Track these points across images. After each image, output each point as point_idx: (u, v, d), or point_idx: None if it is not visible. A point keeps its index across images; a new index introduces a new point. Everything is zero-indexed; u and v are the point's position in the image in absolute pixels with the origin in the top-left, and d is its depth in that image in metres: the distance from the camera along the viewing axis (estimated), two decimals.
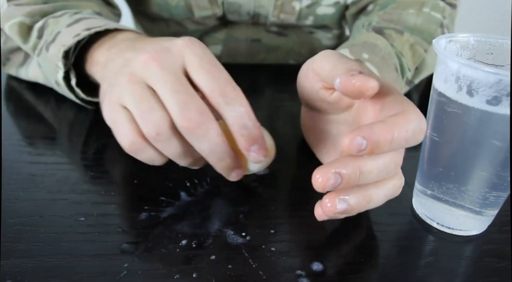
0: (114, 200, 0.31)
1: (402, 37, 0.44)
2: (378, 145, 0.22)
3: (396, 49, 0.43)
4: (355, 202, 0.24)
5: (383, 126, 0.22)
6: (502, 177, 0.25)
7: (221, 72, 0.27)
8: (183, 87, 0.26)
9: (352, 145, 0.22)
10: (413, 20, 0.47)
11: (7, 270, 0.24)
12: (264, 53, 0.65)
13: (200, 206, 0.30)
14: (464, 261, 0.27)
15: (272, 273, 0.25)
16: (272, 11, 0.58)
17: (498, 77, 0.22)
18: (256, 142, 0.27)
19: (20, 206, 0.29)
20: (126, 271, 0.25)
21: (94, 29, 0.36)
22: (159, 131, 0.26)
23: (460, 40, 0.28)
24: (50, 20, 0.40)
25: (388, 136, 0.22)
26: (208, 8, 0.57)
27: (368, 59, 0.40)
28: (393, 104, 0.24)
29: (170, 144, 0.27)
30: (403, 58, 0.43)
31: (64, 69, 0.37)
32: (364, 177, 0.23)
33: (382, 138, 0.22)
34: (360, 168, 0.23)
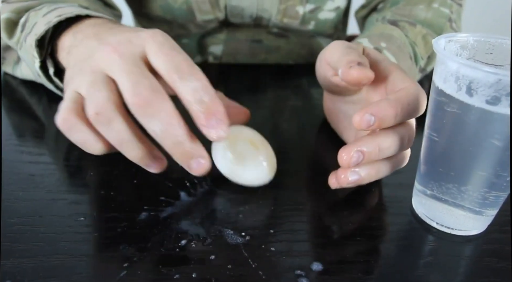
0: (113, 200, 0.31)
1: (414, 29, 0.47)
2: (385, 119, 0.26)
3: (410, 39, 0.45)
4: (366, 173, 0.28)
5: (387, 103, 0.26)
6: (502, 177, 0.25)
7: (180, 54, 0.27)
8: (137, 69, 0.26)
9: (362, 121, 0.26)
10: (423, 14, 0.49)
11: (7, 270, 0.24)
12: (264, 54, 0.66)
13: (199, 206, 0.30)
14: (464, 261, 0.27)
15: (271, 273, 0.25)
16: (276, 15, 0.58)
17: (498, 77, 0.22)
18: (214, 116, 0.25)
19: (20, 206, 0.29)
20: (126, 271, 0.25)
21: (65, 15, 0.35)
22: (98, 111, 0.25)
23: (459, 40, 0.28)
24: (31, 13, 0.40)
25: (392, 111, 0.26)
26: (210, 12, 0.57)
27: (386, 48, 0.42)
28: (396, 82, 0.29)
29: (111, 126, 0.26)
30: (417, 47, 0.45)
31: (39, 58, 0.37)
32: (383, 153, 0.27)
33: (388, 113, 0.26)
34: (380, 144, 0.27)
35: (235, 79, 0.53)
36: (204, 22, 0.59)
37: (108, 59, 0.27)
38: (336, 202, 0.32)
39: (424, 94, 0.28)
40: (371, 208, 0.31)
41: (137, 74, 0.26)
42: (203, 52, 0.65)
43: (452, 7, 0.52)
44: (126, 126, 0.26)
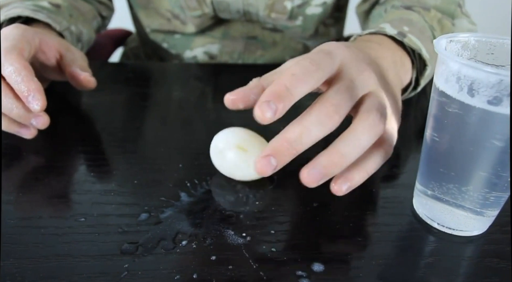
0: (114, 200, 0.30)
1: (429, 13, 0.46)
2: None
3: (428, 23, 0.44)
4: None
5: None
6: (503, 177, 0.25)
7: (6, 43, 0.35)
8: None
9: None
10: (433, 1, 0.48)
11: (7, 271, 0.24)
12: (261, 50, 0.65)
13: (200, 206, 0.30)
14: (465, 261, 0.27)
15: (272, 273, 0.25)
16: (263, 10, 0.58)
17: (499, 78, 0.22)
18: (28, 93, 0.33)
19: (20, 206, 0.29)
20: (126, 271, 0.25)
21: (8, 16, 0.43)
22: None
23: (461, 40, 0.28)
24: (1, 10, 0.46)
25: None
26: (197, 8, 0.58)
27: (409, 31, 0.40)
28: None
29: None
30: (435, 31, 0.44)
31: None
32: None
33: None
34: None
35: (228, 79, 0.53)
36: (195, 18, 0.59)
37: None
38: (337, 202, 0.32)
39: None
40: (372, 208, 0.31)
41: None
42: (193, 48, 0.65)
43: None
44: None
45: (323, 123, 0.25)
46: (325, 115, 0.25)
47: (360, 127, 0.26)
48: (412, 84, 0.41)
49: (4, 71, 0.33)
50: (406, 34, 0.39)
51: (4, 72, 0.33)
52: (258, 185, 0.33)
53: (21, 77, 0.33)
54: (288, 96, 0.24)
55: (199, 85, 0.52)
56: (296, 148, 0.25)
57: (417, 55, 0.40)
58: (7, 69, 0.33)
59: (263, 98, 0.24)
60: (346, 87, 0.27)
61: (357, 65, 0.29)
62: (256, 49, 0.65)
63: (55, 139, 0.39)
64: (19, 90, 0.33)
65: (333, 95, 0.26)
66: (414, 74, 0.41)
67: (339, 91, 0.26)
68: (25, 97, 0.33)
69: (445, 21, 0.46)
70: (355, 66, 0.29)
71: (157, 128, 0.41)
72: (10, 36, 0.36)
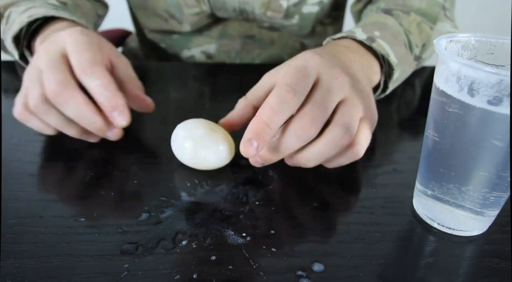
0: (114, 201, 0.30)
1: (409, 17, 0.47)
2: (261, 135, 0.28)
3: (404, 27, 0.45)
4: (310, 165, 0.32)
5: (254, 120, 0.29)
6: (503, 177, 0.25)
7: (85, 53, 0.33)
8: (51, 64, 0.32)
9: (247, 150, 0.28)
10: (417, 3, 0.49)
11: (7, 271, 0.24)
12: (258, 49, 0.65)
13: (200, 206, 0.30)
14: (465, 261, 0.27)
15: (273, 273, 0.25)
16: (259, 8, 0.58)
17: (499, 78, 0.22)
18: (115, 109, 0.33)
19: (20, 206, 0.29)
20: (126, 271, 0.25)
21: (34, 17, 0.42)
22: (34, 104, 0.32)
23: (461, 40, 0.28)
24: (13, 8, 0.45)
25: (261, 124, 0.29)
26: (195, 5, 0.58)
27: (380, 36, 0.41)
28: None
29: (48, 115, 0.33)
30: (411, 35, 0.45)
31: (17, 51, 0.44)
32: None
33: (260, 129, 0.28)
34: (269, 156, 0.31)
35: (226, 80, 0.53)
36: (192, 16, 0.59)
37: (38, 58, 0.34)
38: (337, 202, 0.32)
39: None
40: (372, 208, 0.31)
41: (51, 71, 0.32)
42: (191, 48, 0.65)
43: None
44: (60, 113, 0.33)
45: (300, 137, 0.29)
46: (302, 129, 0.29)
47: (325, 141, 0.30)
48: (380, 87, 0.43)
49: (89, 84, 0.32)
50: (376, 39, 0.41)
51: (89, 85, 0.32)
52: (258, 185, 0.33)
53: (109, 92, 0.32)
54: (267, 131, 0.28)
55: (198, 85, 0.52)
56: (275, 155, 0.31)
57: (386, 60, 0.41)
58: (93, 82, 0.32)
59: (246, 136, 0.28)
60: (322, 98, 0.30)
61: (331, 72, 0.32)
62: (253, 48, 0.65)
63: (55, 139, 0.39)
64: (104, 105, 0.32)
65: (310, 108, 0.30)
66: (383, 78, 0.42)
67: (316, 103, 0.30)
68: (110, 112, 0.32)
69: (424, 25, 0.47)
70: (330, 73, 0.32)
71: (157, 128, 0.41)
72: (84, 45, 0.34)
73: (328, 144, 0.30)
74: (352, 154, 0.31)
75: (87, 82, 0.32)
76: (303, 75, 0.30)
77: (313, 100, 0.30)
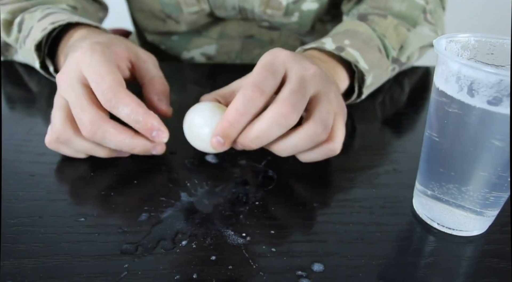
0: (114, 200, 0.31)
1: (385, 21, 0.47)
2: (226, 134, 0.31)
3: (378, 32, 0.46)
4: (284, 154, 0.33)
5: (221, 119, 0.31)
6: (503, 177, 0.25)
7: (104, 79, 0.31)
8: (77, 101, 0.31)
9: (215, 145, 0.31)
10: (398, 6, 0.50)
11: (7, 271, 0.24)
12: (258, 49, 0.65)
13: (200, 206, 0.30)
14: (465, 261, 0.27)
15: (272, 273, 0.25)
16: (259, 6, 0.58)
17: (499, 78, 0.22)
18: (152, 130, 0.32)
19: (20, 206, 0.29)
20: (126, 271, 0.25)
21: (58, 23, 0.40)
22: (59, 137, 0.32)
23: (460, 40, 0.28)
24: (26, 15, 0.44)
25: (226, 124, 0.30)
26: (195, 4, 0.58)
27: (350, 45, 0.42)
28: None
29: (79, 145, 0.33)
30: (386, 39, 0.46)
31: (39, 60, 0.42)
32: (258, 141, 0.31)
33: (226, 129, 0.30)
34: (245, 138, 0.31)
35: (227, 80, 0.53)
36: (192, 15, 0.59)
37: (62, 90, 0.33)
38: (337, 202, 0.32)
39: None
40: (372, 208, 0.31)
41: (78, 109, 0.31)
42: (190, 49, 0.65)
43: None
44: (87, 142, 0.33)
45: (281, 124, 0.30)
46: (282, 116, 0.29)
47: (303, 135, 0.31)
48: (355, 92, 0.43)
49: (120, 114, 0.31)
50: (345, 48, 0.42)
51: (120, 115, 0.31)
52: (258, 185, 0.33)
53: (141, 116, 0.31)
54: (232, 131, 0.30)
55: (198, 86, 0.52)
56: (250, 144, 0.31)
57: (358, 67, 0.42)
58: (123, 111, 0.31)
59: (214, 133, 0.31)
60: (299, 86, 0.30)
61: (301, 64, 0.32)
62: (253, 48, 0.65)
63: None
64: (141, 129, 0.32)
65: (289, 96, 0.30)
66: (356, 84, 0.43)
67: (294, 92, 0.30)
68: (148, 133, 0.32)
69: (401, 27, 0.47)
70: (300, 65, 0.32)
71: None
72: (99, 66, 0.32)
73: (306, 138, 0.31)
74: (329, 150, 0.32)
75: (117, 113, 0.31)
76: (270, 72, 0.31)
77: (290, 88, 0.30)
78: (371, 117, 0.45)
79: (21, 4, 0.46)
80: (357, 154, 0.38)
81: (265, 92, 0.30)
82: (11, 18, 0.45)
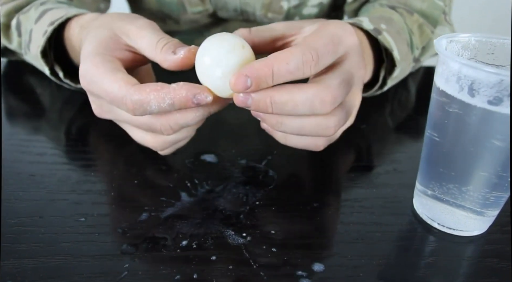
0: (114, 201, 0.30)
1: (412, 17, 0.46)
2: (260, 79, 0.25)
3: (408, 26, 0.45)
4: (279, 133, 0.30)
5: (262, 62, 0.25)
6: (503, 177, 0.25)
7: (114, 94, 0.27)
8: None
9: (237, 83, 0.25)
10: (419, 5, 0.49)
11: (7, 271, 0.24)
12: None
13: (200, 206, 0.30)
14: (465, 261, 0.27)
15: (272, 273, 0.25)
16: (260, 10, 0.58)
17: (499, 78, 0.22)
18: (188, 99, 0.26)
19: (20, 206, 0.29)
20: (127, 271, 0.25)
21: (57, 22, 0.38)
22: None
23: (461, 40, 0.28)
24: (21, 16, 0.42)
25: (267, 70, 0.25)
26: (199, 4, 0.58)
27: (386, 30, 0.40)
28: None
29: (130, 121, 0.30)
30: (413, 36, 0.45)
31: (47, 66, 0.40)
32: (279, 107, 0.26)
33: (262, 73, 0.25)
34: (272, 97, 0.26)
35: None
36: (195, 15, 0.59)
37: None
38: (337, 202, 0.32)
39: (310, 56, 0.26)
40: (372, 208, 0.31)
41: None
42: None
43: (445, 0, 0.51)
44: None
45: (313, 107, 0.26)
46: (321, 101, 0.26)
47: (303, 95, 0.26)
48: (379, 83, 0.42)
49: (153, 111, 0.27)
50: (382, 32, 0.39)
51: (154, 112, 0.27)
52: (258, 185, 0.33)
53: (167, 97, 0.26)
54: (267, 81, 0.25)
55: None
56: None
57: (389, 55, 0.40)
58: (151, 108, 0.27)
59: (244, 71, 0.25)
60: (348, 82, 0.28)
61: (359, 60, 0.30)
62: None
63: (55, 139, 0.39)
64: (181, 107, 0.27)
65: (337, 86, 0.27)
66: (382, 73, 0.41)
67: (342, 85, 0.27)
68: (190, 104, 0.27)
69: (426, 27, 0.46)
70: (357, 61, 0.29)
71: None
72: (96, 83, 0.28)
73: (307, 100, 0.27)
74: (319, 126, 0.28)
75: (152, 113, 0.27)
76: (334, 50, 0.27)
77: (342, 80, 0.27)
78: (371, 117, 0.45)
79: (14, 4, 0.44)
80: (357, 154, 0.38)
81: (319, 66, 0.26)
82: (7, 21, 0.43)
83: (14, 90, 0.47)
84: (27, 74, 0.50)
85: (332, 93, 0.26)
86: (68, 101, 0.44)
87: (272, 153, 0.36)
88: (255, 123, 0.34)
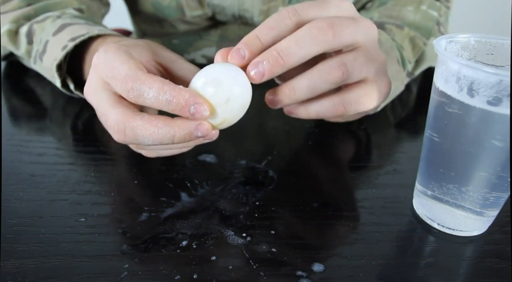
0: (114, 201, 0.31)
1: (402, 32, 0.46)
2: (250, 45, 0.27)
3: (397, 43, 0.45)
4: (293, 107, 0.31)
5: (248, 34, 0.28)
6: (503, 178, 0.25)
7: (118, 70, 0.27)
8: (99, 107, 0.29)
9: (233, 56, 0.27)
10: (411, 16, 0.49)
11: (7, 271, 0.24)
12: None
13: (200, 207, 0.30)
14: (465, 261, 0.27)
15: (272, 273, 0.25)
16: (258, 16, 0.58)
17: (499, 78, 0.22)
18: (187, 106, 0.26)
19: (20, 206, 0.29)
20: (127, 272, 0.25)
21: (79, 39, 0.38)
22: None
23: (460, 41, 0.28)
24: (35, 25, 0.42)
25: (252, 36, 0.28)
26: (198, 8, 0.58)
27: None
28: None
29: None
30: (404, 51, 0.45)
31: (60, 79, 0.40)
32: (285, 52, 0.26)
33: (249, 40, 0.28)
34: (275, 48, 0.27)
35: None
36: (193, 18, 0.59)
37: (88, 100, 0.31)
38: (337, 202, 0.32)
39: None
40: (372, 208, 0.31)
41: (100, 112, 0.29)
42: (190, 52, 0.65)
43: (440, 9, 0.51)
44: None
45: (314, 37, 0.26)
46: (317, 28, 0.26)
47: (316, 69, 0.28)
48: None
49: (147, 99, 0.26)
50: None
51: (149, 101, 0.26)
52: (258, 185, 0.33)
53: (169, 93, 0.25)
54: (257, 43, 0.27)
55: None
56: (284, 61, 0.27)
57: None
58: (149, 95, 0.26)
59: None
60: (366, 59, 0.28)
61: (374, 49, 0.30)
62: None
63: (55, 139, 0.39)
64: (176, 110, 0.26)
65: (353, 59, 0.27)
66: None
67: (359, 59, 0.28)
68: (186, 112, 0.26)
69: (418, 40, 0.46)
70: (374, 48, 0.30)
71: None
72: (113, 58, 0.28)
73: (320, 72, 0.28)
74: (338, 103, 0.29)
75: (144, 101, 0.26)
76: (318, 4, 0.28)
77: (359, 55, 0.28)
78: (371, 118, 0.45)
79: (23, 11, 0.44)
80: (357, 154, 0.38)
81: (299, 15, 0.27)
82: (16, 27, 0.43)
83: (14, 91, 0.47)
84: (27, 75, 0.50)
85: (327, 20, 0.27)
86: (69, 102, 0.44)
87: (272, 153, 0.36)
88: (255, 123, 0.34)
